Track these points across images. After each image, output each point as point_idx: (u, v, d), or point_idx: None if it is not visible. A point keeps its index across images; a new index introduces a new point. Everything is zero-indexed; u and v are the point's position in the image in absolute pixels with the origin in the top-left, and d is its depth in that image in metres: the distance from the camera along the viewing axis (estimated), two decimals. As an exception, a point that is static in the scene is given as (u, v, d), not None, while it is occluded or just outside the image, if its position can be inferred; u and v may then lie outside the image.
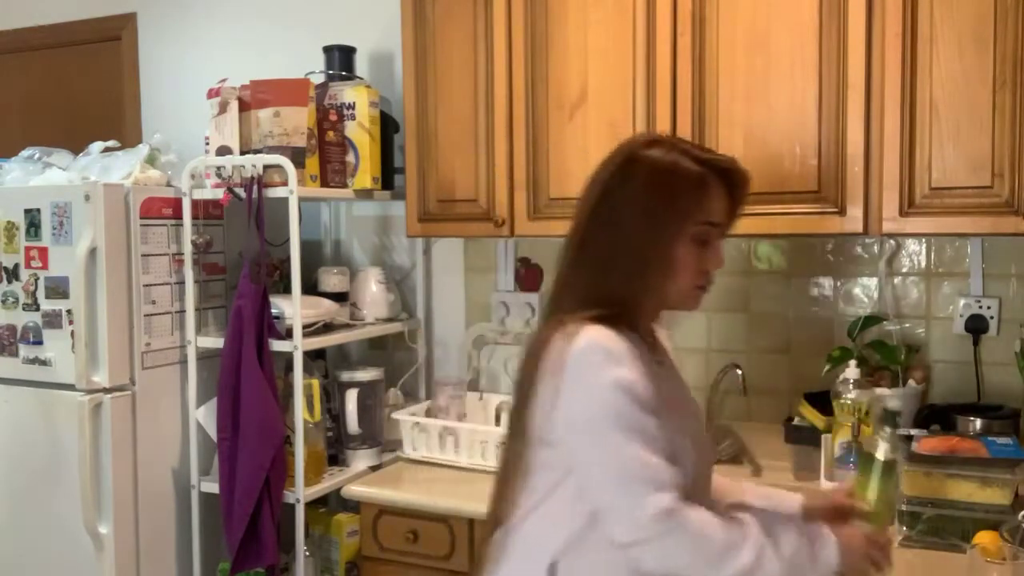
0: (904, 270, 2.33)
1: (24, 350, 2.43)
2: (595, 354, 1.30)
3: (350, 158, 2.58)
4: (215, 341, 2.43)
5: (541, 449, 1.36)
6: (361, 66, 2.81)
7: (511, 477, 1.41)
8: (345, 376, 2.59)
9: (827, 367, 2.25)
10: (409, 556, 2.27)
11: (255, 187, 2.34)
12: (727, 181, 1.42)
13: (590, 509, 1.32)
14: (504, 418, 2.10)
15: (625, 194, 1.38)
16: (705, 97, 2.13)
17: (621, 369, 1.29)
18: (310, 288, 2.64)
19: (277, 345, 2.37)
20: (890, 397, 2.18)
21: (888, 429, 1.56)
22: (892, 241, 2.31)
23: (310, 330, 2.43)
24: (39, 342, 2.41)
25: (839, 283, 2.39)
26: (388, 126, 2.69)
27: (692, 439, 1.40)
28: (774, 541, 1.28)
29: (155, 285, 2.41)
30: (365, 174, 2.58)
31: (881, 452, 1.52)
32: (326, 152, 2.50)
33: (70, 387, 2.33)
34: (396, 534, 2.29)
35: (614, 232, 1.38)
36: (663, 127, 2.16)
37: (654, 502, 1.25)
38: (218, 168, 2.41)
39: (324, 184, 2.50)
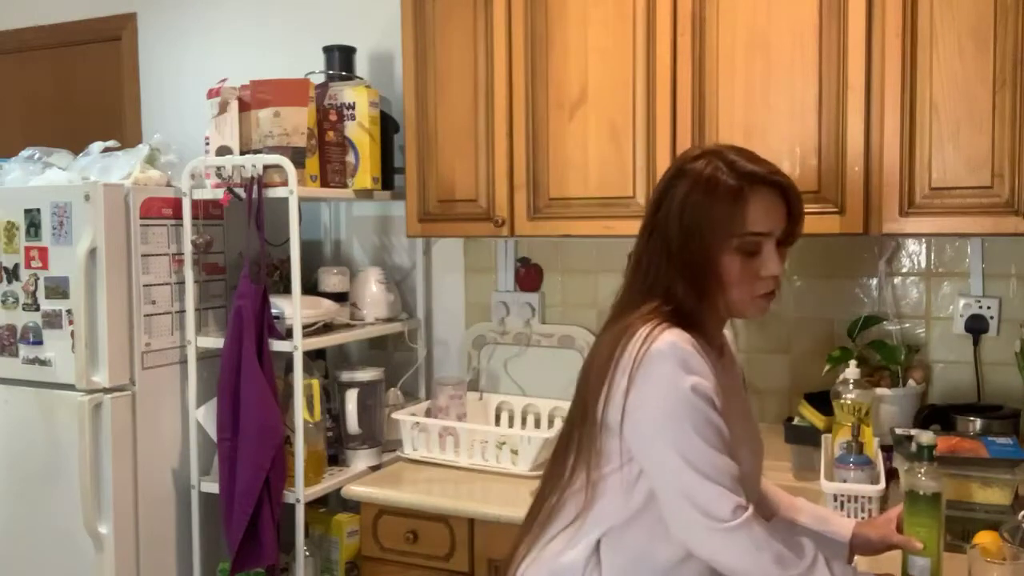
0: (904, 270, 2.33)
1: (24, 350, 2.43)
2: (675, 356, 1.35)
3: (350, 158, 2.58)
4: (215, 341, 2.43)
5: (607, 437, 1.41)
6: (361, 66, 2.81)
7: (568, 456, 1.46)
8: (345, 376, 2.59)
9: (827, 367, 2.25)
10: (409, 556, 2.27)
11: (255, 187, 2.34)
12: (772, 190, 1.43)
13: (642, 499, 1.39)
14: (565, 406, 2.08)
15: (670, 207, 1.43)
16: (705, 97, 2.13)
17: (698, 374, 1.35)
18: (310, 288, 2.64)
19: (277, 345, 2.37)
20: (892, 397, 2.19)
21: (926, 463, 1.57)
22: (892, 241, 2.31)
23: (310, 330, 2.43)
24: (39, 342, 2.41)
25: (839, 283, 2.39)
26: (388, 126, 2.69)
27: (749, 447, 1.48)
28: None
29: (155, 285, 2.41)
30: (365, 174, 2.58)
31: (924, 487, 1.54)
32: (326, 152, 2.50)
33: (70, 387, 2.33)
34: (396, 534, 2.29)
35: (662, 244, 1.43)
36: (663, 127, 2.16)
37: (732, 499, 1.32)
38: (218, 168, 2.41)
39: (324, 184, 2.50)
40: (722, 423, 1.35)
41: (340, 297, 2.65)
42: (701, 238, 1.40)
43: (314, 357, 2.62)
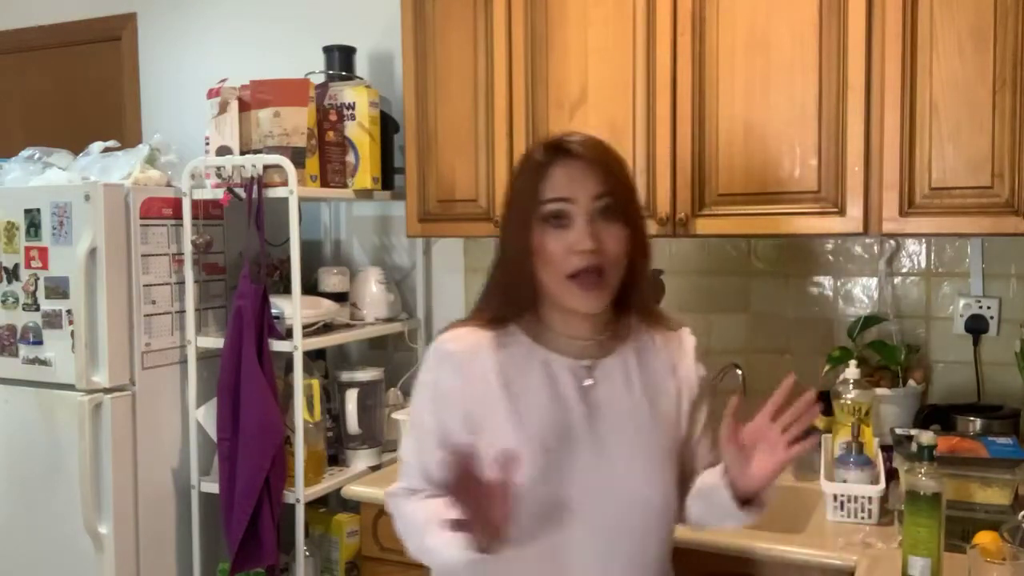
0: (904, 270, 2.33)
1: (24, 350, 2.43)
2: (429, 355, 1.45)
3: (350, 158, 2.58)
4: (215, 341, 2.43)
5: None
6: (361, 66, 2.81)
7: None
8: (345, 376, 2.59)
9: (827, 367, 2.25)
10: (409, 556, 2.27)
11: (255, 187, 2.34)
12: (577, 159, 1.36)
13: None
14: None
15: None
16: (705, 97, 2.13)
17: (430, 371, 1.42)
18: (310, 288, 2.64)
19: (277, 345, 2.37)
20: (892, 397, 2.19)
21: (926, 463, 1.58)
22: (892, 241, 2.31)
23: (310, 330, 2.43)
24: (39, 342, 2.41)
25: (839, 283, 2.39)
26: (388, 126, 2.69)
27: (533, 437, 1.35)
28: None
29: (155, 285, 2.41)
30: (365, 174, 2.58)
31: (924, 487, 1.57)
32: (326, 152, 2.50)
33: (70, 387, 2.33)
34: (396, 534, 2.28)
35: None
36: (663, 127, 2.16)
37: (402, 478, 1.46)
38: (218, 168, 2.41)
39: (324, 184, 2.50)
40: (437, 419, 1.39)
41: (340, 297, 2.65)
42: (512, 214, 1.40)
43: (314, 357, 2.62)
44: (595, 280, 1.33)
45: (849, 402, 2.06)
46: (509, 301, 1.41)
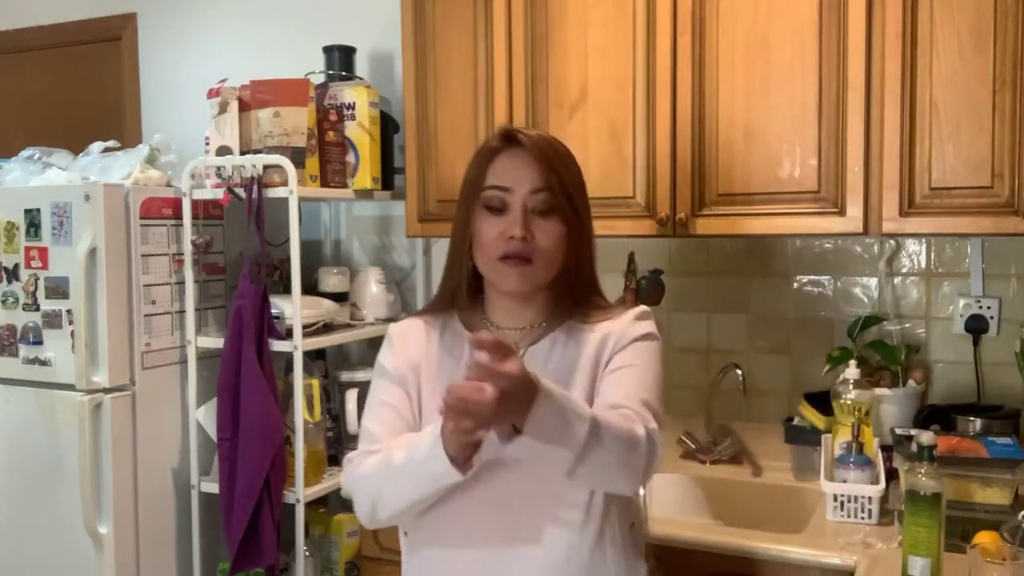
0: (904, 270, 2.33)
1: (24, 350, 2.43)
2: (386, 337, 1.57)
3: (350, 158, 2.58)
4: (215, 341, 2.43)
5: None
6: (361, 66, 2.81)
7: None
8: (345, 376, 2.59)
9: (827, 367, 2.25)
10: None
11: (255, 187, 2.34)
12: (524, 151, 1.43)
13: None
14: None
15: None
16: (705, 97, 2.13)
17: (382, 353, 1.54)
18: (310, 288, 2.64)
19: (277, 345, 2.37)
20: (892, 397, 2.19)
21: (926, 463, 1.59)
22: (892, 241, 2.31)
23: (310, 330, 2.43)
24: (39, 342, 2.41)
25: (839, 283, 2.39)
26: (388, 126, 2.69)
27: None
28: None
29: (155, 285, 2.41)
30: (365, 174, 2.58)
31: (924, 487, 1.57)
32: (326, 152, 2.50)
33: (70, 387, 2.33)
34: (396, 534, 2.27)
35: None
36: (663, 127, 2.16)
37: (361, 445, 1.48)
38: (218, 168, 2.41)
39: (324, 184, 2.50)
40: (389, 390, 1.48)
41: (340, 297, 2.65)
42: (461, 199, 1.49)
43: (314, 357, 2.62)
44: (522, 263, 1.42)
45: (849, 402, 2.06)
46: (448, 285, 1.52)
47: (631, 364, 1.42)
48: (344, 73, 2.71)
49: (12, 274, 2.44)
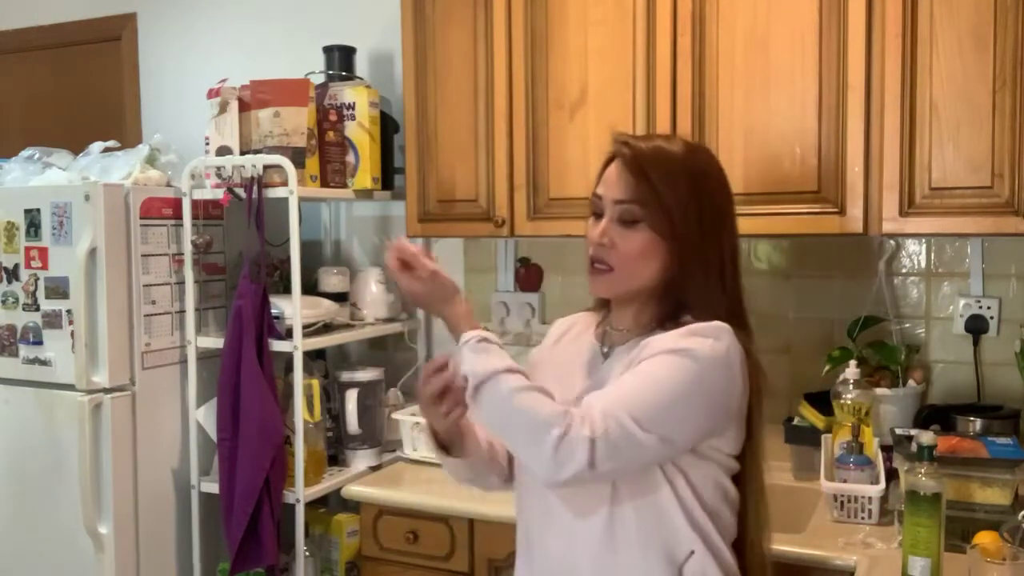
0: (904, 270, 2.33)
1: (24, 350, 2.43)
2: None
3: (350, 158, 2.58)
4: (215, 341, 2.43)
5: None
6: (361, 66, 2.81)
7: None
8: (345, 376, 2.59)
9: (827, 367, 2.25)
10: (409, 556, 2.27)
11: (255, 187, 2.34)
12: (621, 161, 1.46)
13: None
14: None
15: None
16: (705, 97, 2.13)
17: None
18: (310, 288, 2.64)
19: (277, 345, 2.37)
20: (892, 398, 2.19)
21: (926, 463, 1.59)
22: (892, 241, 2.31)
23: (310, 330, 2.43)
24: (39, 342, 2.41)
25: (839, 283, 2.39)
26: (388, 126, 2.69)
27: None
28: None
29: (155, 285, 2.41)
30: (365, 174, 2.58)
31: (924, 487, 1.57)
32: (326, 152, 2.50)
33: (70, 387, 2.33)
34: (396, 534, 2.29)
35: None
36: (663, 127, 2.16)
37: None
38: (218, 168, 2.41)
39: (324, 184, 2.50)
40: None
41: (340, 297, 2.65)
42: None
43: (314, 357, 2.62)
44: (603, 269, 1.45)
45: (849, 402, 2.06)
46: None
47: (638, 372, 1.38)
48: (344, 73, 2.71)
49: (12, 274, 2.44)
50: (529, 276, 2.74)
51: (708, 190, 1.46)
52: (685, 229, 1.41)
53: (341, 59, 2.72)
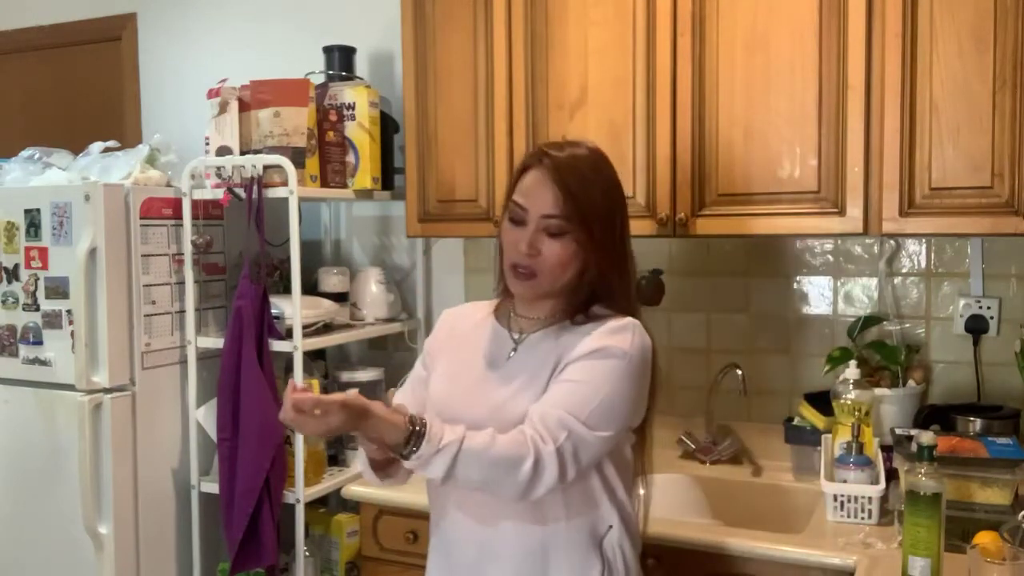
0: (904, 270, 2.33)
1: (24, 350, 2.43)
2: None
3: (350, 158, 2.58)
4: (215, 341, 2.43)
5: None
6: (361, 66, 2.81)
7: None
8: (345, 376, 2.59)
9: (827, 367, 2.25)
10: (409, 556, 2.27)
11: (255, 187, 2.34)
12: (546, 171, 1.53)
13: None
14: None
15: None
16: (705, 97, 2.13)
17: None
18: (310, 288, 2.64)
19: (277, 345, 2.37)
20: (892, 397, 2.19)
21: (926, 463, 1.59)
22: (892, 241, 2.31)
23: (310, 330, 2.43)
24: (39, 342, 2.41)
25: (839, 283, 2.39)
26: (388, 126, 2.69)
27: (458, 386, 1.62)
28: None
29: (155, 285, 2.41)
30: (365, 174, 2.58)
31: (924, 487, 1.58)
32: (326, 152, 2.50)
33: (70, 387, 2.33)
34: (396, 534, 2.29)
35: None
36: (663, 127, 2.16)
37: None
38: (218, 168, 2.41)
39: (324, 184, 2.50)
40: (419, 370, 1.75)
41: (340, 297, 2.65)
42: (503, 205, 1.60)
43: (314, 357, 2.62)
44: (527, 275, 1.54)
45: (849, 402, 2.06)
46: (498, 279, 1.65)
47: (574, 379, 1.49)
48: (344, 73, 2.71)
49: (12, 274, 2.44)
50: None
51: (618, 199, 1.58)
52: (603, 237, 1.53)
53: (341, 59, 2.72)
